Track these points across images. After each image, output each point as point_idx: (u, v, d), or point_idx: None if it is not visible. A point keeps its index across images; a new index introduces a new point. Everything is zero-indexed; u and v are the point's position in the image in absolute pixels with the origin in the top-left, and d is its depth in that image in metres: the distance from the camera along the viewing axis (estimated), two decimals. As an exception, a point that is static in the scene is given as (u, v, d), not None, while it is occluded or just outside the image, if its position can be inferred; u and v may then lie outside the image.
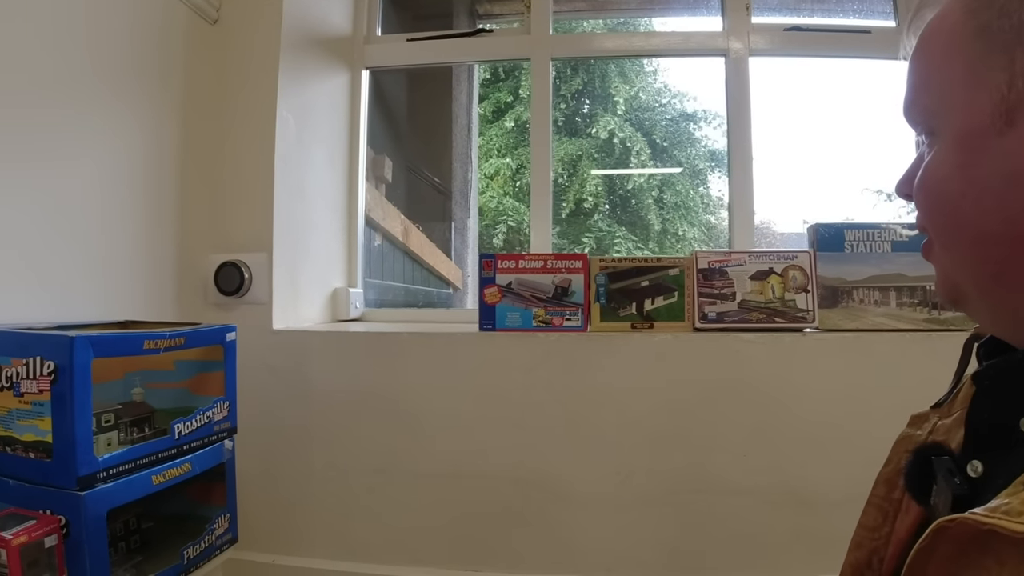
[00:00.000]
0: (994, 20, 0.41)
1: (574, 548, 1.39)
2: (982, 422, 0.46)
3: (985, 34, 0.41)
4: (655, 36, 1.85)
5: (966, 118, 0.43)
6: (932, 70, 0.46)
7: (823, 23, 1.79)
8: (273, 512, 1.44)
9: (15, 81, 1.05)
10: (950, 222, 0.46)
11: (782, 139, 1.95)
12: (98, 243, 1.23)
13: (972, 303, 0.47)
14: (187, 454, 1.05)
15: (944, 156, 0.45)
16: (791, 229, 2.73)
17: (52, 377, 0.86)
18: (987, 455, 0.44)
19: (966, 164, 0.43)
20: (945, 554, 0.39)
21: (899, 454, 0.57)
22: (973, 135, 0.42)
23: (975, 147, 0.42)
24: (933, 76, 0.46)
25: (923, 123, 0.48)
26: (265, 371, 1.42)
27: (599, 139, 4.21)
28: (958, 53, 0.43)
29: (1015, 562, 0.34)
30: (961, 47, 0.43)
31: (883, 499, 0.57)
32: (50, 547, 0.84)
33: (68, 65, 1.15)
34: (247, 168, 1.48)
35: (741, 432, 1.35)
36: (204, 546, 1.09)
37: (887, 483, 0.58)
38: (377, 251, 2.08)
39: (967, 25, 0.43)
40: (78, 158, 1.18)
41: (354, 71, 1.85)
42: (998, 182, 0.41)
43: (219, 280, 1.45)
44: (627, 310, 1.44)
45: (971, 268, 0.45)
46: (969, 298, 0.47)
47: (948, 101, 0.44)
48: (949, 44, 0.44)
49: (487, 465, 1.41)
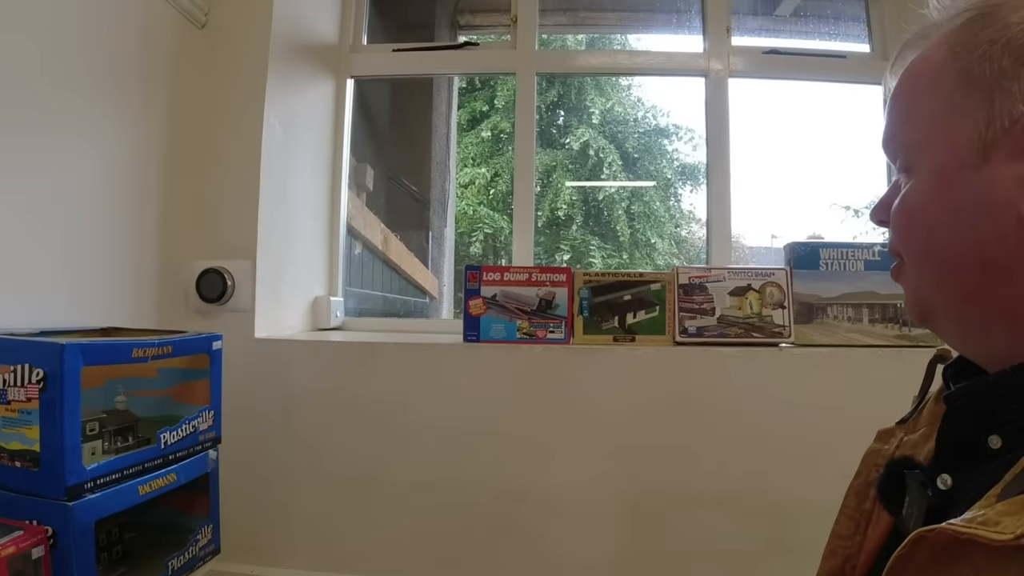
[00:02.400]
0: (975, 64, 0.45)
1: (555, 558, 1.40)
2: (951, 439, 0.49)
3: (967, 76, 0.45)
4: (639, 55, 1.89)
5: (945, 153, 0.47)
6: (914, 106, 0.50)
7: (800, 46, 1.85)
8: (254, 523, 1.43)
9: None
10: (925, 248, 0.50)
11: (752, 155, 2.00)
12: (79, 248, 1.21)
13: (941, 322, 0.52)
14: (173, 464, 1.04)
15: (922, 187, 0.49)
16: (760, 243, 2.80)
17: (41, 385, 0.85)
18: (955, 469, 0.47)
19: (943, 195, 0.47)
20: (922, 562, 0.42)
21: (868, 467, 0.61)
22: (951, 169, 0.46)
23: (952, 180, 0.46)
24: (915, 112, 0.50)
25: (902, 155, 0.52)
26: (247, 380, 1.40)
27: (573, 150, 4.26)
28: (940, 92, 0.47)
29: (989, 570, 0.37)
30: (943, 86, 0.47)
31: (855, 510, 0.60)
32: (37, 558, 0.82)
33: (51, 67, 1.13)
34: (232, 174, 1.47)
35: (719, 444, 1.38)
36: (188, 557, 1.07)
37: (858, 495, 0.61)
38: (357, 260, 2.08)
39: (950, 67, 0.47)
40: (60, 161, 1.16)
41: (339, 79, 1.85)
42: (972, 212, 0.45)
43: (201, 287, 1.43)
44: (610, 323, 1.47)
45: (943, 291, 0.49)
46: (938, 317, 0.51)
47: (928, 136, 0.48)
48: (932, 83, 0.48)
49: (470, 475, 1.42)
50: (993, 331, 0.46)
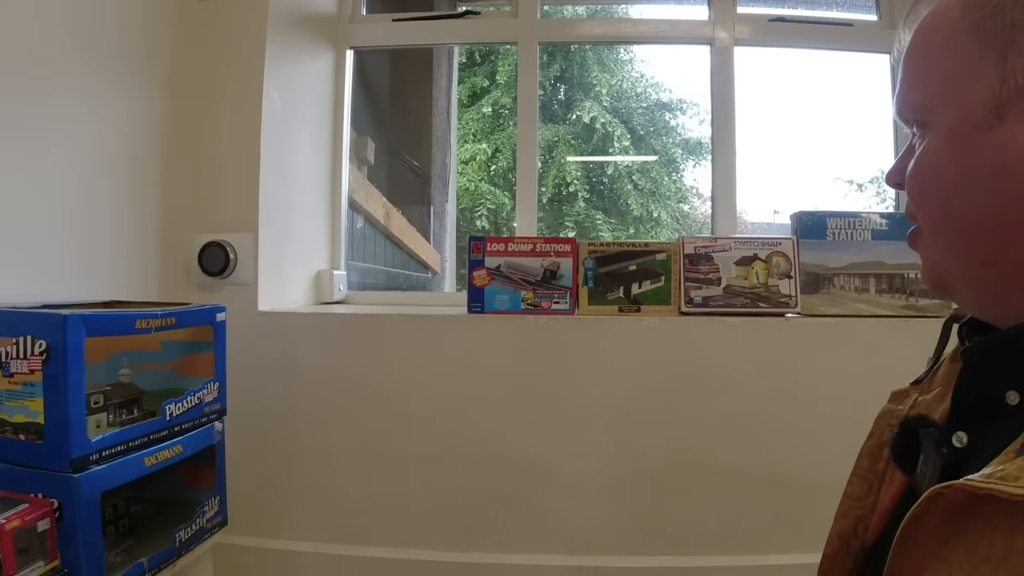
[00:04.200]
0: (987, 18, 0.43)
1: (560, 528, 1.41)
2: (968, 395, 0.49)
3: (979, 31, 0.43)
4: (642, 23, 1.86)
5: (959, 112, 0.45)
6: (927, 65, 0.48)
7: (807, 15, 1.81)
8: (259, 496, 1.43)
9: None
10: (941, 210, 0.48)
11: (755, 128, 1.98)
12: (80, 222, 1.20)
13: (958, 289, 0.50)
14: (178, 436, 1.04)
15: (937, 148, 0.47)
16: (762, 218, 2.79)
17: (44, 357, 0.84)
18: (971, 427, 0.46)
19: (958, 157, 0.45)
20: (937, 520, 0.41)
21: (882, 428, 0.60)
22: (965, 128, 0.44)
23: (967, 140, 0.44)
24: (928, 71, 0.48)
25: (916, 116, 0.50)
26: (251, 353, 1.39)
27: (578, 125, 4.22)
28: (953, 49, 0.45)
29: (1006, 526, 0.36)
30: (956, 43, 0.45)
31: (867, 470, 0.60)
32: (43, 531, 0.82)
33: (50, 40, 1.11)
34: (233, 147, 1.45)
35: (724, 413, 1.38)
36: (195, 529, 1.07)
37: (871, 455, 0.60)
38: (359, 233, 2.07)
39: (962, 22, 0.45)
40: (61, 135, 1.15)
41: (339, 50, 1.82)
42: (987, 173, 0.43)
43: (203, 260, 1.42)
44: (615, 294, 1.46)
45: (959, 254, 0.48)
46: (955, 284, 0.50)
47: (942, 95, 0.46)
48: (944, 40, 0.46)
49: (474, 446, 1.42)
50: (1010, 294, 0.45)
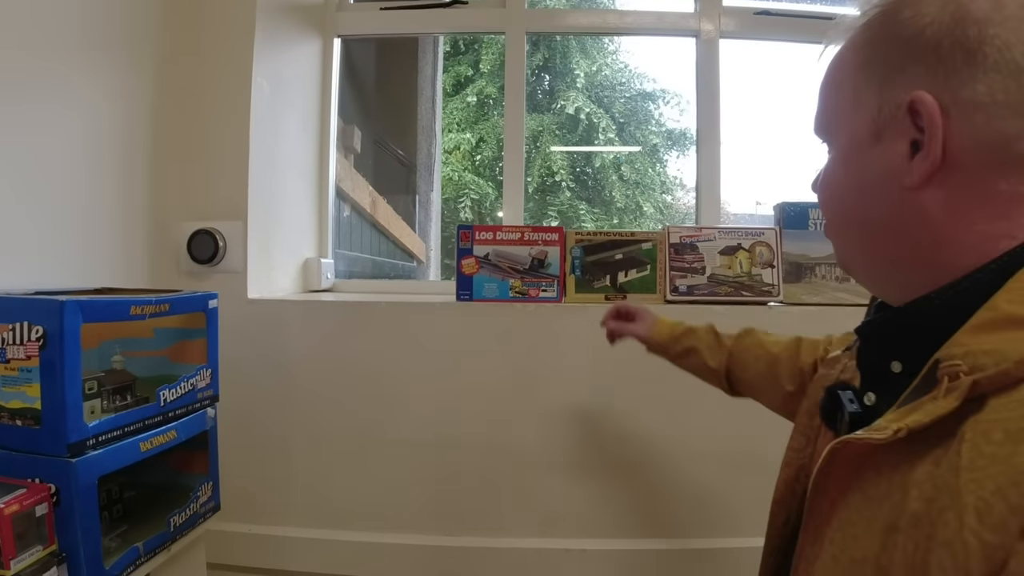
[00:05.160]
0: (871, 57, 0.53)
1: (547, 512, 1.44)
2: (865, 365, 0.58)
3: (865, 69, 0.53)
4: (629, 15, 1.87)
5: (849, 133, 0.56)
6: (828, 95, 0.59)
7: (791, 8, 1.84)
8: (249, 482, 1.44)
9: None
10: (838, 214, 0.60)
11: (738, 120, 2.01)
12: (70, 210, 1.20)
13: (856, 274, 0.62)
14: (172, 421, 1.04)
15: (834, 162, 0.59)
16: (744, 209, 2.83)
17: (41, 342, 0.84)
18: (878, 389, 0.56)
19: (848, 170, 0.56)
20: (839, 471, 0.51)
21: (816, 390, 0.69)
22: (853, 147, 0.55)
23: (854, 157, 0.55)
24: (829, 100, 0.59)
25: (822, 136, 0.61)
26: (241, 340, 1.40)
27: (562, 115, 4.22)
28: (847, 83, 0.56)
29: (887, 468, 0.47)
30: (849, 78, 0.55)
31: (806, 426, 0.69)
32: (40, 516, 0.83)
33: (34, 26, 1.10)
34: (222, 134, 1.45)
35: (709, 400, 1.40)
36: (189, 514, 1.09)
37: (808, 413, 0.70)
38: (346, 222, 2.07)
39: (854, 60, 0.55)
40: (46, 122, 1.14)
41: (326, 38, 1.82)
42: (869, 183, 0.54)
43: (192, 248, 1.42)
44: (601, 282, 1.48)
45: (851, 247, 0.60)
46: (855, 268, 0.62)
47: (839, 120, 0.57)
48: (841, 75, 0.57)
49: (463, 432, 1.44)
50: (894, 278, 0.56)
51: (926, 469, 0.44)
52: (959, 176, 0.48)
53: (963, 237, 0.49)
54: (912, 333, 0.51)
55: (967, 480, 0.40)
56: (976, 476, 0.40)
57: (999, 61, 0.46)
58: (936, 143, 0.48)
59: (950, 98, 0.47)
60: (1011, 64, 0.46)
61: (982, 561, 0.38)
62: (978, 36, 0.47)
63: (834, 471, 0.51)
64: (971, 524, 0.39)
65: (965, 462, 0.41)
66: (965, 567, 0.38)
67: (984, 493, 0.39)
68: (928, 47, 0.49)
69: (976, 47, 0.47)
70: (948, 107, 0.48)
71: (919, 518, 0.42)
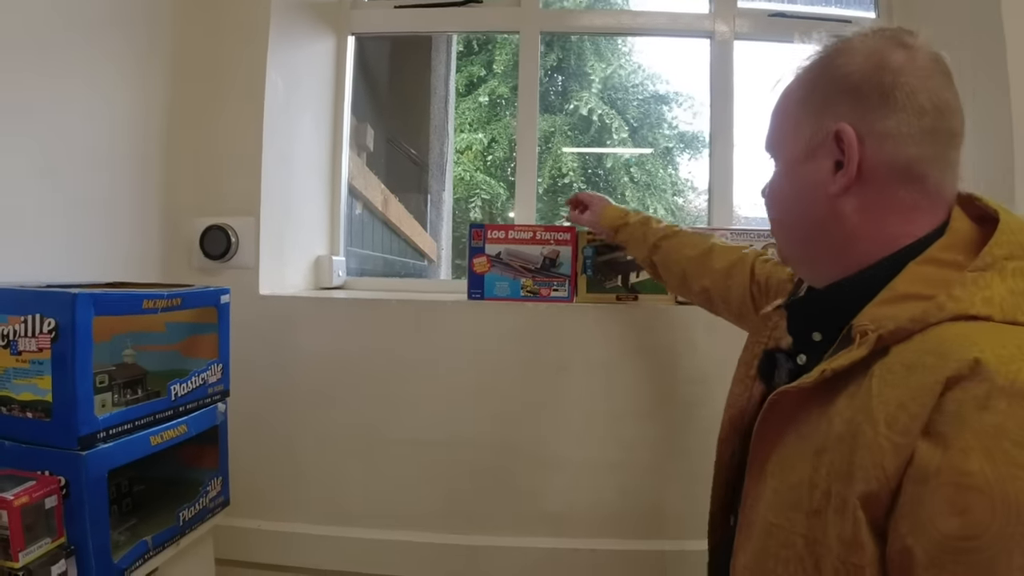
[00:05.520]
0: (811, 93, 0.67)
1: (558, 511, 1.43)
2: (793, 333, 0.73)
3: (805, 102, 0.68)
4: (643, 15, 1.86)
5: (789, 152, 0.70)
6: (775, 120, 0.73)
7: (806, 11, 1.83)
8: (258, 477, 1.44)
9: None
10: (778, 216, 0.74)
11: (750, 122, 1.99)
12: (84, 204, 1.21)
13: (793, 263, 0.78)
14: (183, 415, 1.05)
15: (778, 174, 0.73)
16: (756, 213, 2.81)
17: (53, 335, 0.85)
18: (807, 351, 0.70)
19: (788, 181, 0.71)
20: (777, 419, 0.65)
21: (752, 344, 0.83)
22: (791, 163, 0.70)
23: (793, 170, 0.70)
24: (776, 123, 0.73)
25: (770, 152, 0.74)
26: (252, 336, 1.40)
27: (575, 116, 4.21)
28: (791, 112, 0.70)
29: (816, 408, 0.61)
30: (792, 108, 0.69)
31: (744, 375, 0.82)
32: (50, 508, 0.83)
33: (50, 20, 1.11)
34: (236, 130, 1.45)
35: (720, 400, 1.39)
36: (199, 508, 1.09)
37: (745, 364, 0.83)
38: (358, 220, 2.07)
39: (797, 94, 0.69)
40: (63, 120, 1.15)
41: (340, 36, 1.82)
42: (803, 192, 0.68)
43: (205, 244, 1.43)
44: (613, 282, 1.47)
45: (791, 243, 0.74)
46: (792, 260, 0.77)
47: (783, 141, 0.71)
48: (787, 105, 0.71)
49: (474, 431, 1.43)
50: (818, 266, 0.70)
51: (845, 401, 0.57)
52: (870, 188, 0.63)
53: (871, 235, 0.64)
54: (828, 310, 0.67)
55: (877, 401, 0.53)
56: (884, 397, 0.53)
57: (906, 103, 0.60)
58: (853, 164, 0.62)
59: (867, 129, 0.62)
60: (916, 106, 0.60)
61: (894, 457, 0.50)
62: (892, 83, 0.61)
63: (772, 418, 0.66)
64: (883, 431, 0.51)
65: (875, 390, 0.54)
66: (881, 463, 0.51)
67: (890, 408, 0.52)
68: (853, 89, 0.63)
69: (889, 91, 0.61)
70: (864, 136, 0.62)
71: (842, 436, 0.55)
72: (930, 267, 0.60)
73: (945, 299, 0.55)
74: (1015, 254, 0.57)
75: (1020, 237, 0.58)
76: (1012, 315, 0.54)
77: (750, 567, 0.66)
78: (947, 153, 0.62)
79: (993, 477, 0.45)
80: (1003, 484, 0.45)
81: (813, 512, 0.57)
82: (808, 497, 0.58)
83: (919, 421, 0.49)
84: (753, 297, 1.02)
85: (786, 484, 0.61)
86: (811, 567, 0.57)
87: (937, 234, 0.61)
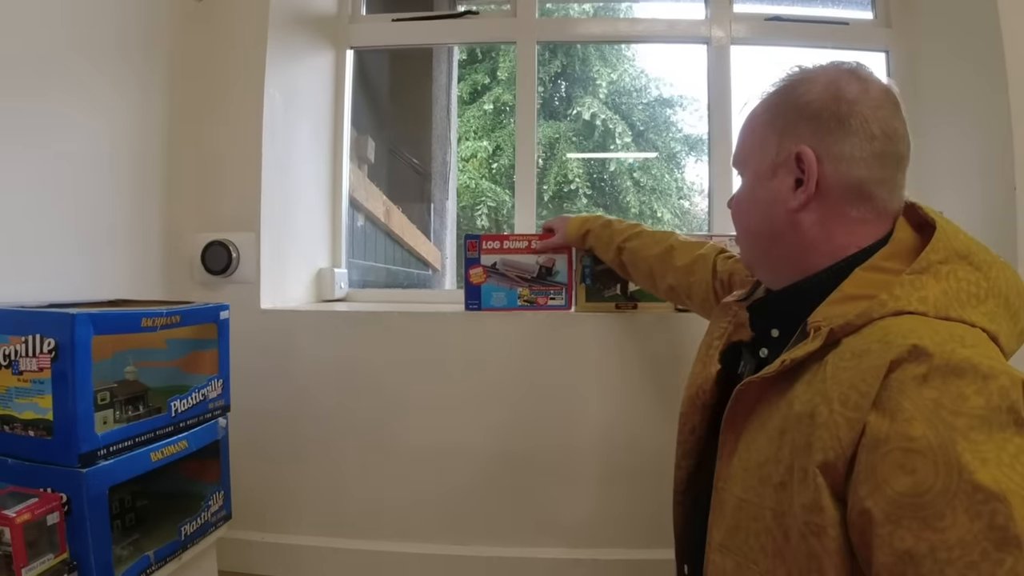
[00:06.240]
0: (775, 118, 0.74)
1: (559, 521, 1.43)
2: (755, 328, 0.80)
3: (770, 124, 0.74)
4: (640, 22, 1.87)
5: (755, 168, 0.77)
6: (744, 138, 0.80)
7: (803, 14, 1.83)
8: (262, 491, 1.45)
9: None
10: (743, 226, 0.82)
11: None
12: (86, 222, 1.22)
13: (755, 269, 0.84)
14: (184, 431, 1.06)
15: (744, 188, 0.80)
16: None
17: (53, 355, 0.86)
18: (767, 346, 0.77)
19: (752, 195, 0.78)
20: (743, 408, 0.72)
21: (712, 330, 0.89)
22: (757, 178, 0.77)
23: (758, 185, 0.76)
24: (744, 141, 0.80)
25: (738, 167, 0.82)
26: (254, 350, 1.42)
27: (578, 122, 4.21)
28: (757, 132, 0.77)
29: (777, 396, 0.67)
30: (759, 128, 0.76)
31: (704, 356, 0.87)
32: (52, 525, 0.84)
33: (49, 39, 1.13)
34: (234, 146, 1.47)
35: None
36: (200, 522, 1.10)
37: (707, 347, 0.88)
38: (360, 231, 2.09)
39: (763, 116, 0.76)
40: (63, 135, 1.17)
41: (339, 50, 1.84)
42: (765, 205, 0.75)
43: (206, 259, 1.45)
44: (612, 291, 1.47)
45: (754, 250, 0.82)
46: (754, 266, 0.84)
47: (750, 158, 0.78)
48: (754, 125, 0.78)
49: (474, 441, 1.44)
50: (777, 271, 0.77)
51: (803, 387, 0.64)
52: (826, 204, 0.71)
53: (825, 245, 0.72)
54: (785, 310, 0.75)
55: (831, 384, 0.60)
56: (837, 380, 0.60)
57: (860, 129, 0.68)
58: (811, 182, 0.70)
59: (824, 151, 0.69)
60: (868, 132, 0.68)
61: (848, 430, 0.57)
62: (848, 111, 0.68)
63: (739, 407, 0.72)
64: (837, 408, 0.58)
65: (829, 374, 0.61)
66: (837, 435, 0.57)
67: (843, 388, 0.59)
68: (813, 115, 0.70)
69: (845, 118, 0.68)
70: (822, 157, 0.69)
71: (801, 416, 0.62)
72: (873, 273, 0.67)
73: (886, 297, 0.63)
74: (949, 259, 0.65)
75: (954, 243, 0.66)
76: (944, 311, 0.62)
77: (726, 543, 0.71)
78: (895, 175, 0.70)
79: (936, 442, 0.52)
80: (944, 447, 0.52)
81: (779, 485, 0.63)
82: (774, 472, 0.64)
83: (868, 398, 0.56)
84: (716, 293, 1.09)
85: (754, 463, 0.68)
86: (780, 537, 0.63)
87: (881, 244, 0.69)
